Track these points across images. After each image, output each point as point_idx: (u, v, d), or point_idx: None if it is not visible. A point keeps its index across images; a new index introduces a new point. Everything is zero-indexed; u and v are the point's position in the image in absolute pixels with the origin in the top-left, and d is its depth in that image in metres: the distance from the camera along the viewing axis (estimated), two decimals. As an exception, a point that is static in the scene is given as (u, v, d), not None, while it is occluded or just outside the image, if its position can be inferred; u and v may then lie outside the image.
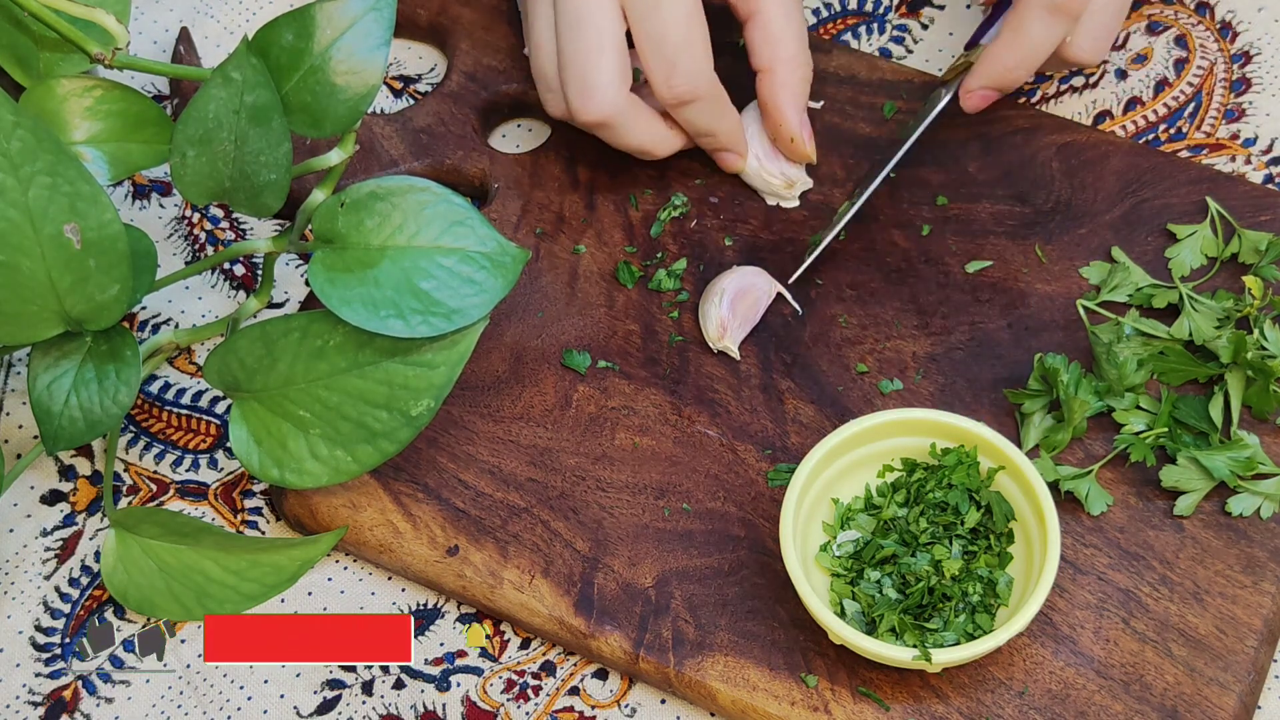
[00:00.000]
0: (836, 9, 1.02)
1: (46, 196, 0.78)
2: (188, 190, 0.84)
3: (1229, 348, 0.85)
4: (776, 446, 0.88)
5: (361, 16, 0.83)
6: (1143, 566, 0.83)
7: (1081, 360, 0.87)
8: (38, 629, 0.88)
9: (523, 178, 0.96)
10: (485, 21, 1.01)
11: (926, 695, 0.81)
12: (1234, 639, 0.81)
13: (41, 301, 0.80)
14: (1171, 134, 0.97)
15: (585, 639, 0.84)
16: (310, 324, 0.84)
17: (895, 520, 0.83)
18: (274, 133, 0.82)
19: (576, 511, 0.87)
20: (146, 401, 0.93)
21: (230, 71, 0.81)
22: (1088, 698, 0.81)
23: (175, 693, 0.86)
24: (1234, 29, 0.99)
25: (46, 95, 0.85)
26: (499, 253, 0.84)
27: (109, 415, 0.84)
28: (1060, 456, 0.86)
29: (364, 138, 0.97)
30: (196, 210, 0.98)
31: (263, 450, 0.85)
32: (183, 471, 0.92)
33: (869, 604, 0.81)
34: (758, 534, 0.85)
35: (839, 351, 0.90)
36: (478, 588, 0.85)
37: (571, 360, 0.91)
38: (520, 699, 0.85)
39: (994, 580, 0.82)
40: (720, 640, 0.83)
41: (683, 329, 0.91)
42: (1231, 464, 0.83)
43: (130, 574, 0.86)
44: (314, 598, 0.88)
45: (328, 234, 0.84)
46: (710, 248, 0.94)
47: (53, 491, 0.92)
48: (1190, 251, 0.90)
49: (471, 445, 0.89)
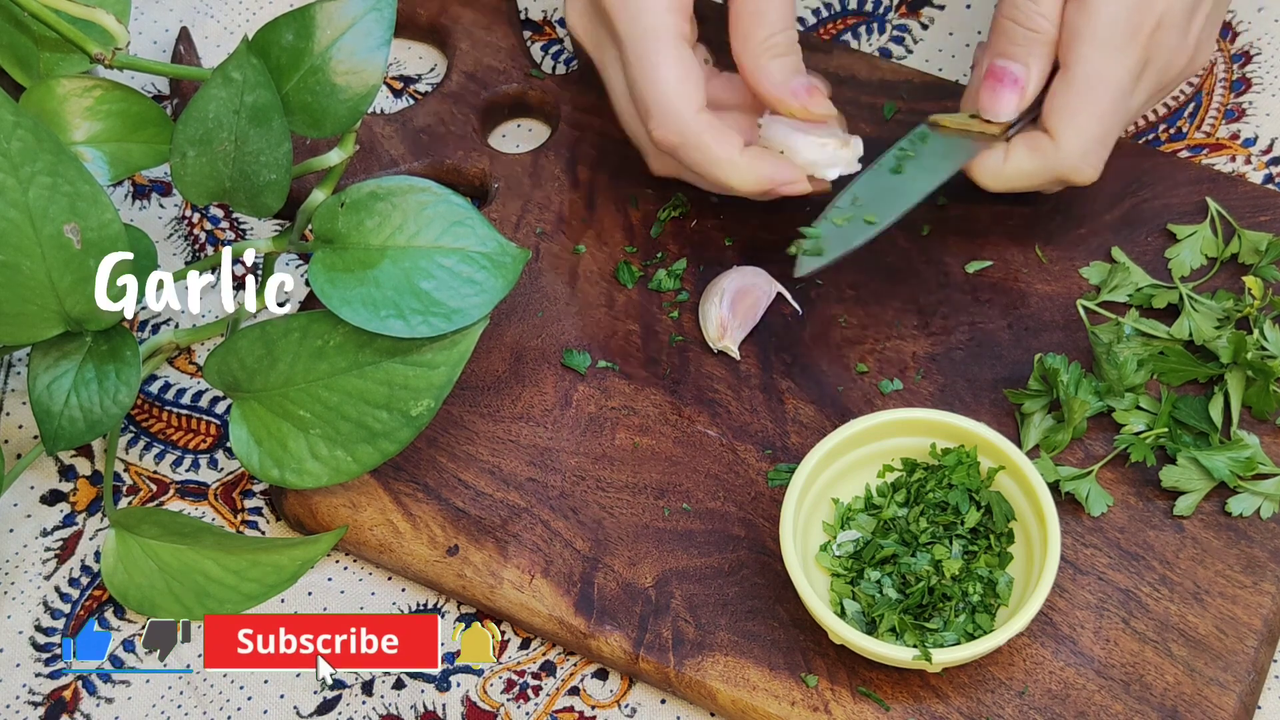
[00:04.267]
0: (836, 9, 1.02)
1: (46, 196, 0.78)
2: (188, 190, 0.84)
3: (1229, 348, 0.85)
4: (776, 446, 0.88)
5: (361, 16, 0.83)
6: (1143, 566, 0.83)
7: (1081, 360, 0.87)
8: (38, 629, 0.88)
9: (523, 178, 0.96)
10: (485, 21, 1.01)
11: (926, 695, 0.81)
12: (1234, 639, 0.81)
13: (41, 301, 0.80)
14: (1171, 134, 0.97)
15: (585, 639, 0.84)
16: (310, 324, 0.84)
17: (895, 520, 0.83)
18: (274, 133, 0.82)
19: (576, 511, 0.87)
20: (146, 401, 0.93)
21: (230, 71, 0.81)
22: (1088, 698, 0.81)
23: (175, 693, 0.86)
24: (1234, 29, 0.99)
25: (46, 95, 0.85)
26: (499, 253, 0.84)
27: (109, 415, 0.84)
28: (1060, 456, 0.86)
29: (364, 138, 0.97)
30: (196, 210, 0.99)
31: (263, 450, 0.85)
32: (183, 471, 0.92)
33: (869, 604, 0.81)
34: (758, 534, 0.85)
35: (839, 351, 0.90)
36: (478, 588, 0.85)
37: (571, 360, 0.91)
38: (520, 699, 0.85)
39: (994, 580, 0.82)
40: (720, 640, 0.83)
41: (683, 329, 0.91)
42: (1231, 464, 0.83)
43: (130, 574, 0.86)
44: (314, 598, 0.88)
45: (328, 234, 0.84)
46: (710, 248, 0.93)
47: (53, 491, 0.92)
48: (1190, 251, 0.90)
49: (471, 445, 0.89)
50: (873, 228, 0.86)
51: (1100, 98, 0.84)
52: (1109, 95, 0.84)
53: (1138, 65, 0.84)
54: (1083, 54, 0.84)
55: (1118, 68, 0.84)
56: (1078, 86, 0.84)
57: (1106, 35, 0.83)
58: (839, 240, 0.87)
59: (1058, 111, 0.85)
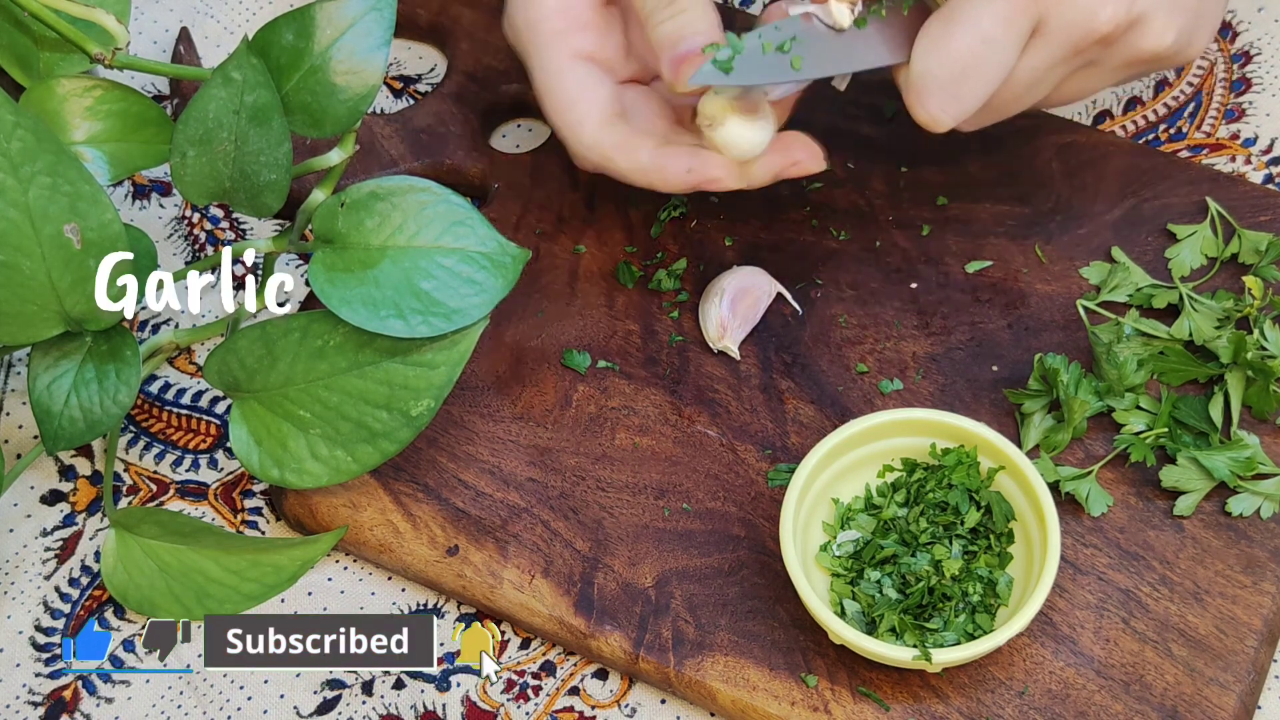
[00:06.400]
0: (836, 9, 1.02)
1: (46, 196, 0.78)
2: (188, 190, 0.84)
3: (1229, 348, 0.85)
4: (776, 446, 0.88)
5: (361, 16, 0.83)
6: (1143, 566, 0.83)
7: (1081, 360, 0.87)
8: (38, 629, 0.88)
9: (523, 178, 0.96)
10: (485, 21, 1.01)
11: (926, 695, 0.81)
12: (1234, 639, 0.81)
13: (41, 301, 0.80)
14: (1171, 134, 0.97)
15: (585, 639, 0.84)
16: (310, 324, 0.84)
17: (895, 520, 0.83)
18: (274, 133, 0.82)
19: (576, 511, 0.87)
20: (146, 401, 0.93)
21: (230, 71, 0.81)
22: (1088, 698, 0.81)
23: (175, 693, 0.86)
24: (1234, 29, 0.99)
25: (46, 95, 0.85)
26: (499, 253, 0.84)
27: (109, 415, 0.84)
28: (1060, 457, 0.86)
29: (364, 138, 0.97)
30: (196, 210, 0.99)
31: (263, 450, 0.85)
32: (183, 471, 0.92)
33: (869, 604, 0.81)
34: (758, 534, 0.85)
35: (839, 351, 0.90)
36: (478, 588, 0.85)
37: (571, 360, 0.91)
38: (520, 699, 0.85)
39: (994, 580, 0.82)
40: (720, 640, 0.83)
41: (683, 329, 0.91)
42: (1231, 464, 0.83)
43: (130, 574, 0.86)
44: (314, 598, 0.88)
45: (328, 234, 0.84)
46: (710, 248, 0.94)
47: (53, 491, 0.92)
48: (1190, 251, 0.90)
49: (471, 445, 0.89)
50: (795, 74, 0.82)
51: (955, 34, 0.81)
52: (967, 35, 0.81)
53: (1017, 14, 0.80)
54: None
55: (986, 12, 0.80)
56: (939, 18, 0.82)
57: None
58: (753, 69, 0.82)
59: (917, 41, 0.83)
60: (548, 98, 0.87)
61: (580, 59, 0.87)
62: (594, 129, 0.86)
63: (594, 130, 0.86)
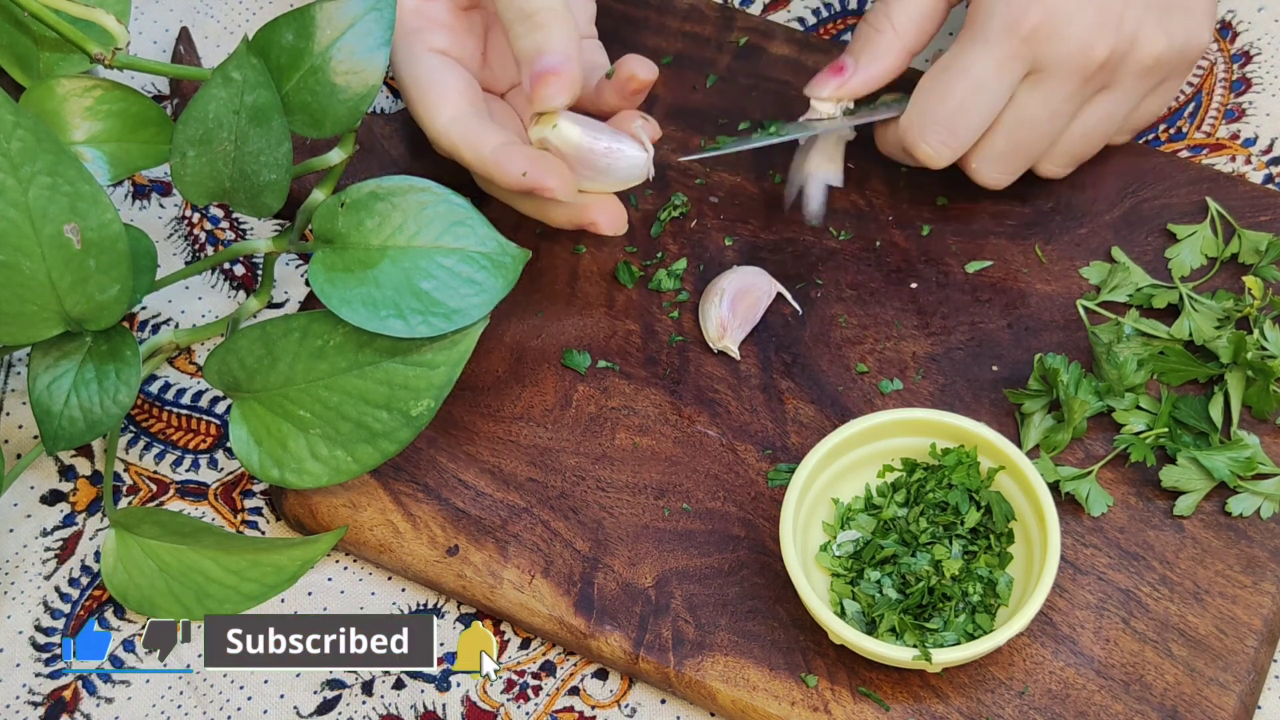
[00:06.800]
0: (836, 9, 1.02)
1: (46, 196, 0.78)
2: (188, 190, 0.84)
3: (1229, 348, 0.85)
4: (776, 446, 0.88)
5: (361, 16, 0.83)
6: (1143, 566, 0.83)
7: (1081, 360, 0.87)
8: (38, 629, 0.88)
9: (523, 178, 0.96)
10: (485, 21, 1.01)
11: (926, 695, 0.81)
12: (1234, 639, 0.81)
13: (41, 301, 0.80)
14: (1171, 134, 0.97)
15: (585, 639, 0.84)
16: (310, 324, 0.84)
17: (895, 520, 0.84)
18: (274, 133, 0.82)
19: (576, 511, 0.87)
20: (146, 401, 0.93)
21: (230, 71, 0.81)
22: (1088, 698, 0.81)
23: (175, 693, 0.86)
24: (1234, 29, 0.99)
25: (46, 95, 0.85)
26: (499, 253, 0.84)
27: (109, 415, 0.84)
28: (1060, 457, 0.86)
29: (364, 138, 0.97)
30: (196, 210, 0.99)
31: (263, 450, 0.85)
32: (183, 471, 0.92)
33: (869, 604, 0.81)
34: (758, 534, 0.85)
35: (839, 351, 0.90)
36: (478, 588, 0.85)
37: (571, 360, 0.91)
38: (520, 699, 0.85)
39: (994, 580, 0.82)
40: (720, 640, 0.83)
41: (683, 329, 0.91)
42: (1231, 464, 0.83)
43: (130, 574, 0.86)
44: (314, 598, 0.88)
45: (328, 234, 0.84)
46: (710, 248, 0.94)
47: (53, 491, 0.92)
48: (1190, 251, 0.90)
49: (471, 445, 0.89)
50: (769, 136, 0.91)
51: (950, 79, 0.87)
52: (961, 80, 0.87)
53: (1008, 60, 0.86)
54: (955, 42, 0.87)
55: (980, 58, 0.86)
56: (937, 67, 0.88)
57: (978, 27, 0.86)
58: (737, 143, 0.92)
59: (918, 88, 0.89)
60: (408, 87, 0.89)
61: (435, 53, 0.89)
62: (446, 118, 0.87)
63: (446, 119, 0.87)
